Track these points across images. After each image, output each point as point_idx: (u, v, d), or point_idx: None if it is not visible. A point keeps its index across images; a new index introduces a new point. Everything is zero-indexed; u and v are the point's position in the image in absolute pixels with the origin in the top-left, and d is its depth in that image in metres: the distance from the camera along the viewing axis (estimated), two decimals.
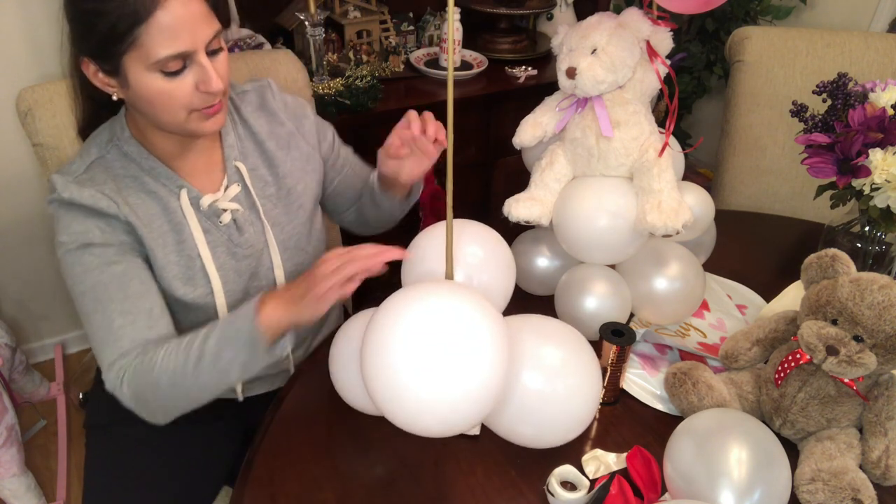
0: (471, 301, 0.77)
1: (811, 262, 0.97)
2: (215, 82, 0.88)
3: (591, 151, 1.09)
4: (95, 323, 0.93)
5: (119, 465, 1.05)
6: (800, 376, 0.94)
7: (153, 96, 0.87)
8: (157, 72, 0.85)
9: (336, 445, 0.96)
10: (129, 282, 0.94)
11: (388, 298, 0.79)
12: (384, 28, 2.00)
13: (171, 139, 0.97)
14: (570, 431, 0.90)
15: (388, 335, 0.75)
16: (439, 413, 0.73)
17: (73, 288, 0.95)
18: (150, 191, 0.97)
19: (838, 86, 1.13)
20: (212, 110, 0.92)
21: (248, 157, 1.05)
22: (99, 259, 0.93)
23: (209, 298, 1.00)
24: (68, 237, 0.93)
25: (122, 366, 0.91)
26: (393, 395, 0.74)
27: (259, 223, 1.05)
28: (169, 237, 0.98)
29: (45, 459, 1.82)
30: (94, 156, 0.97)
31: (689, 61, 2.40)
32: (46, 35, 1.69)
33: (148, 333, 0.93)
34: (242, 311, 0.88)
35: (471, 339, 0.74)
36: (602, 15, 1.07)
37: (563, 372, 0.86)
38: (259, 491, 0.90)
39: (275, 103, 1.08)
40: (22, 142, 1.77)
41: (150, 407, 0.93)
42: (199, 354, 0.88)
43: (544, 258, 1.19)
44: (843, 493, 0.84)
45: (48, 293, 2.03)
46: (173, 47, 0.84)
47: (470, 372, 0.73)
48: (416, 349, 0.73)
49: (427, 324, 0.74)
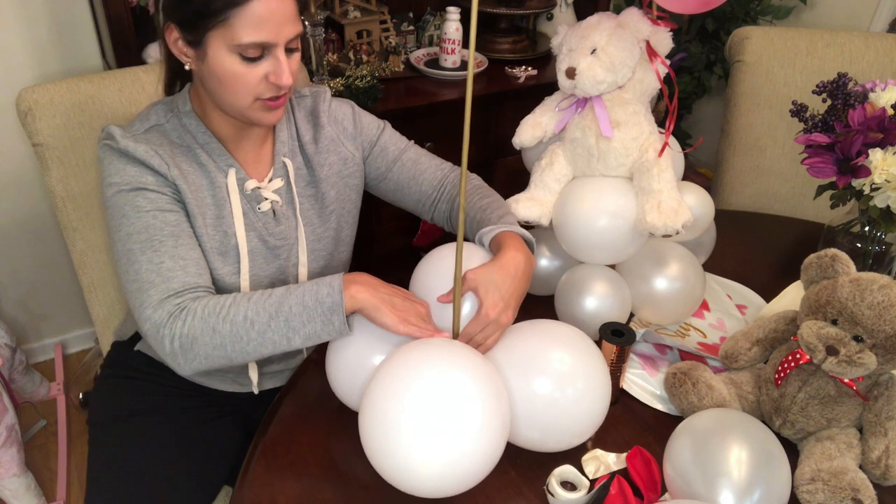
0: (469, 371, 0.81)
1: (811, 262, 0.97)
2: (286, 77, 0.92)
3: (590, 151, 1.09)
4: (141, 263, 0.92)
5: (121, 462, 1.05)
6: (800, 376, 0.94)
7: (226, 76, 0.91)
8: (236, 54, 0.90)
9: (336, 445, 0.96)
10: (182, 232, 0.96)
11: (391, 358, 0.83)
12: (384, 28, 2.00)
13: (229, 123, 1.01)
14: (577, 436, 0.91)
15: (388, 407, 0.78)
16: (436, 478, 0.78)
17: (119, 228, 0.95)
18: (201, 163, 1.01)
19: (838, 86, 1.13)
20: (275, 103, 0.96)
21: (295, 157, 1.09)
22: (152, 203, 0.95)
23: (234, 278, 1.02)
24: (121, 178, 0.95)
25: (176, 304, 0.91)
26: (392, 462, 0.79)
27: (294, 220, 1.08)
28: (210, 210, 1.01)
29: (45, 459, 1.82)
30: (153, 122, 1.01)
31: (689, 61, 2.40)
32: (46, 35, 1.70)
33: (199, 280, 0.94)
34: (327, 280, 0.90)
35: (465, 414, 0.78)
36: (602, 15, 1.08)
37: (573, 377, 0.87)
38: (259, 491, 0.90)
39: (321, 108, 1.12)
40: (22, 142, 1.77)
41: (193, 352, 0.90)
42: (275, 311, 0.89)
43: (544, 258, 1.19)
44: (843, 493, 0.84)
45: (48, 293, 2.03)
46: (258, 36, 0.88)
47: (463, 444, 0.77)
48: (415, 422, 0.77)
49: (426, 400, 0.78)
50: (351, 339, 0.93)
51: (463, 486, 0.81)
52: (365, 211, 1.22)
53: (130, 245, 0.93)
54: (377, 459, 0.80)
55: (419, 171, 1.16)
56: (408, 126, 1.25)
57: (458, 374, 0.80)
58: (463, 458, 0.78)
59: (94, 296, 1.27)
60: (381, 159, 1.16)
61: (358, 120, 1.15)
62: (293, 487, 0.90)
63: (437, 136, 1.89)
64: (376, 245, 1.99)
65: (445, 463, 0.77)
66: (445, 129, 1.88)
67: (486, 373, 0.83)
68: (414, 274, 1.03)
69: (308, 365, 1.09)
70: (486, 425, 0.79)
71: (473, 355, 0.84)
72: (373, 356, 0.91)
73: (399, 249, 2.02)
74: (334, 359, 0.95)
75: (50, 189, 1.19)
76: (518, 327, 0.95)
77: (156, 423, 1.09)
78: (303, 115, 1.11)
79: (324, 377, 0.98)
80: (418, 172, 1.16)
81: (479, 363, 0.83)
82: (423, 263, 1.02)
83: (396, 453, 0.78)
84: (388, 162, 1.16)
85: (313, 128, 1.11)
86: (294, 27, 0.92)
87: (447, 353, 0.83)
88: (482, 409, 0.79)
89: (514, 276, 0.95)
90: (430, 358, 0.82)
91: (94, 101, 1.19)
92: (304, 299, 0.89)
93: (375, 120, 1.17)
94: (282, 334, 0.89)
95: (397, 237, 2.01)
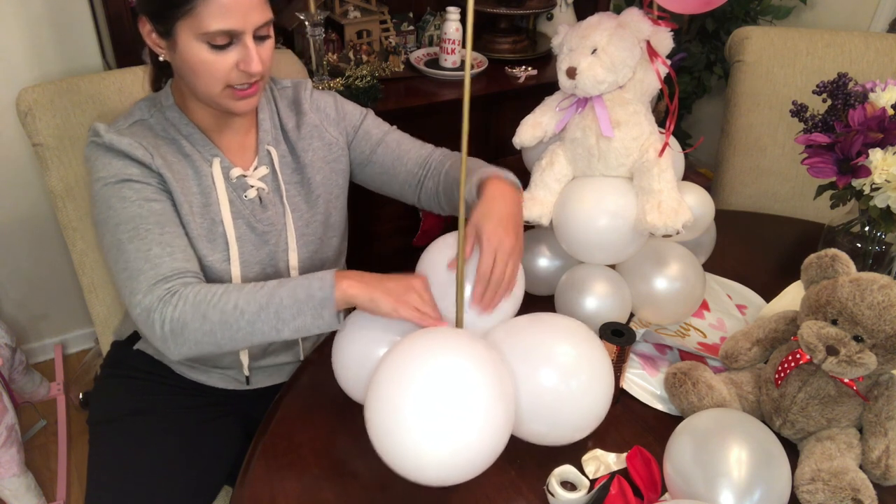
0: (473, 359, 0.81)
1: (811, 262, 0.97)
2: (255, 64, 0.93)
3: (591, 151, 1.09)
4: (129, 252, 0.94)
5: (122, 462, 1.05)
6: (800, 376, 0.94)
7: (196, 65, 0.93)
8: (204, 42, 0.91)
9: (336, 445, 0.96)
10: (167, 220, 0.97)
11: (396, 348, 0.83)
12: (384, 28, 2.00)
13: (210, 113, 1.03)
14: (581, 430, 0.91)
15: (393, 395, 0.78)
16: (446, 466, 0.78)
17: (106, 220, 0.96)
18: (185, 154, 1.02)
19: (838, 86, 1.13)
20: (246, 91, 0.97)
21: (279, 145, 1.10)
22: (138, 194, 0.97)
23: (225, 265, 1.03)
24: (107, 172, 0.97)
25: (166, 288, 0.92)
26: (397, 450, 0.78)
27: (281, 206, 1.09)
28: (196, 199, 1.02)
29: (45, 459, 1.82)
30: (137, 117, 1.03)
31: (689, 61, 2.40)
32: (46, 35, 1.69)
33: (186, 265, 0.96)
34: (319, 275, 0.91)
35: (470, 401, 0.78)
36: (602, 15, 1.07)
37: (577, 369, 0.88)
38: (259, 491, 0.90)
39: (303, 97, 1.13)
40: (22, 142, 1.77)
41: (182, 338, 0.91)
42: (265, 303, 0.90)
43: (544, 258, 1.19)
44: (843, 493, 0.84)
45: (48, 293, 2.03)
46: (224, 23, 0.90)
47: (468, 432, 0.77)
48: (420, 410, 0.77)
49: (430, 387, 0.78)
50: (356, 333, 0.93)
51: (468, 473, 0.80)
52: (365, 211, 1.22)
53: (119, 235, 0.95)
54: (383, 448, 0.80)
55: (403, 152, 1.18)
56: (408, 126, 1.25)
57: (463, 361, 0.80)
58: (468, 444, 0.77)
59: (94, 296, 1.27)
60: (365, 142, 1.17)
61: (340, 107, 1.16)
62: (293, 487, 0.90)
63: (437, 136, 1.88)
64: (376, 245, 1.99)
65: (451, 450, 0.77)
66: (445, 129, 1.87)
67: (491, 359, 0.82)
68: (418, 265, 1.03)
69: (308, 365, 1.09)
70: (491, 411, 0.78)
71: (477, 343, 0.84)
72: (378, 348, 0.91)
73: (399, 249, 2.02)
74: (340, 352, 0.95)
75: (50, 189, 1.19)
76: (521, 320, 0.95)
77: (156, 423, 1.10)
78: (285, 104, 1.13)
79: (324, 377, 0.98)
80: (402, 153, 1.18)
81: (482, 350, 0.83)
82: (426, 254, 1.03)
83: (402, 441, 0.77)
84: (373, 144, 1.17)
85: (296, 115, 1.13)
86: (261, 14, 0.93)
87: (451, 341, 0.83)
88: (486, 395, 0.78)
89: (503, 200, 0.98)
90: (434, 345, 0.82)
91: (94, 101, 1.19)
92: (295, 292, 0.90)
93: (358, 107, 1.19)
94: (271, 325, 0.90)
95: (397, 237, 2.01)
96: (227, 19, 0.90)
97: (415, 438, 0.77)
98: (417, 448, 0.77)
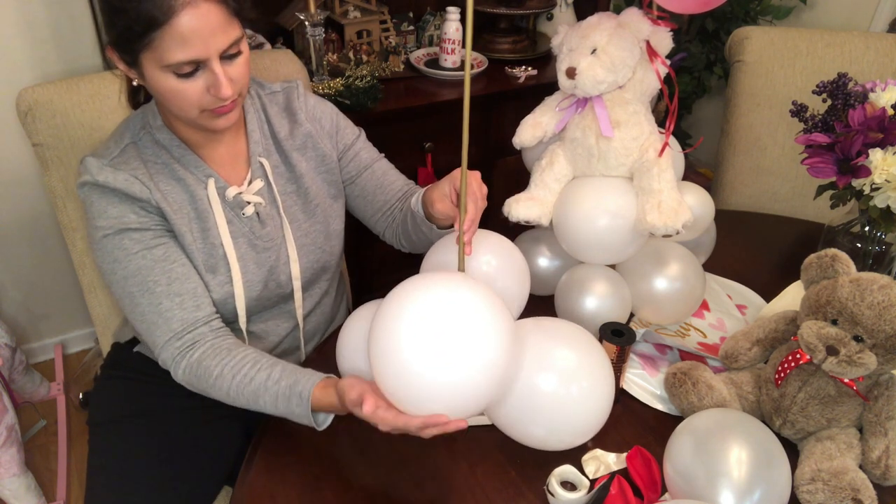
0: (475, 290, 0.80)
1: (811, 262, 0.97)
2: (224, 89, 0.90)
3: (591, 151, 1.09)
4: (142, 306, 0.97)
5: (122, 462, 1.05)
6: (800, 376, 0.94)
7: (166, 93, 0.91)
8: (170, 73, 0.89)
9: (336, 445, 0.96)
10: (172, 265, 0.98)
11: (397, 287, 0.82)
12: (384, 28, 2.00)
13: (195, 129, 1.01)
14: (581, 435, 0.90)
15: (395, 321, 0.78)
16: (444, 397, 0.76)
17: (113, 272, 0.98)
18: (179, 178, 1.01)
19: (838, 86, 1.13)
20: (222, 110, 0.95)
21: (272, 155, 1.09)
22: (139, 244, 0.97)
23: (228, 287, 1.03)
24: (105, 221, 0.97)
25: (176, 347, 0.97)
26: (399, 380, 0.77)
27: (278, 218, 1.08)
28: (195, 224, 1.01)
29: (45, 459, 1.82)
30: (127, 140, 1.00)
31: (689, 61, 2.40)
32: (46, 35, 1.69)
33: (196, 313, 0.98)
34: (297, 392, 0.89)
35: (474, 325, 0.77)
36: (602, 15, 1.08)
37: (578, 374, 0.87)
38: (259, 491, 0.90)
39: (297, 104, 1.11)
40: (22, 142, 1.77)
41: (195, 389, 0.99)
42: (252, 402, 0.94)
43: (544, 258, 1.19)
44: (843, 493, 0.84)
45: (48, 293, 2.03)
46: (185, 54, 0.87)
47: (473, 357, 0.76)
48: (421, 335, 0.76)
49: (432, 311, 0.77)
50: (359, 328, 0.93)
51: (474, 405, 0.79)
52: None
53: (129, 288, 0.97)
54: (386, 382, 0.79)
55: (388, 182, 1.18)
56: (408, 126, 1.25)
57: (464, 291, 0.79)
58: (471, 374, 0.76)
59: (94, 296, 1.27)
60: (353, 164, 1.17)
61: (337, 121, 1.15)
62: (293, 487, 0.90)
63: (437, 136, 1.89)
64: (376, 245, 1.99)
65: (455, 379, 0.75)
66: (445, 129, 1.88)
67: (491, 296, 0.81)
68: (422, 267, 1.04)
69: (308, 365, 1.09)
70: (492, 342, 0.77)
71: (478, 282, 0.83)
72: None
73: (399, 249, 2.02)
74: (344, 347, 0.96)
75: (50, 189, 1.19)
76: (522, 324, 0.94)
77: (156, 424, 1.10)
78: (276, 110, 1.10)
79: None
80: (387, 183, 1.18)
81: (482, 287, 0.82)
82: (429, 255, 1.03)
83: (404, 372, 0.76)
84: (360, 168, 1.17)
85: (289, 122, 1.10)
86: (225, 36, 0.89)
87: (454, 278, 0.83)
88: (487, 325, 0.77)
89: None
90: (433, 280, 0.82)
91: (94, 101, 1.19)
92: (276, 402, 0.91)
93: (353, 125, 1.19)
94: (262, 414, 0.96)
95: None
96: (188, 49, 0.86)
97: (415, 366, 0.75)
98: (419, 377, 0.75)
